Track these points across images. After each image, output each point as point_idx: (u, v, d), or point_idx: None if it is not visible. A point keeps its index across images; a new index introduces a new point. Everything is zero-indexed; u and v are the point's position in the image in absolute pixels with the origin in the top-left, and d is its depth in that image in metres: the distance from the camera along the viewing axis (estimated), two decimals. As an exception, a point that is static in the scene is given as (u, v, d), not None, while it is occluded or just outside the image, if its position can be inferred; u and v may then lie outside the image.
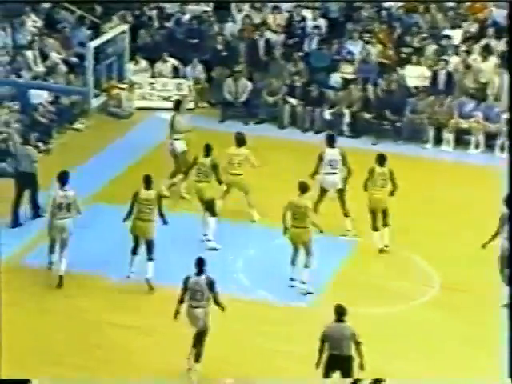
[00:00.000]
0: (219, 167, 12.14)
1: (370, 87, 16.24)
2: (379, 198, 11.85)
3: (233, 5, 17.92)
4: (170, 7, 18.09)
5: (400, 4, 17.51)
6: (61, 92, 15.42)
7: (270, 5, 17.81)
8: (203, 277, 9.50)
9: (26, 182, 12.35)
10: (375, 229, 11.93)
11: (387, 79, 16.17)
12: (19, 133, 14.64)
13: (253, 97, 16.61)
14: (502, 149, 15.36)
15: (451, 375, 9.80)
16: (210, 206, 12.01)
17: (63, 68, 16.11)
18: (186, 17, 17.78)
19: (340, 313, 9.01)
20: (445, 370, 9.91)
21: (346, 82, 16.36)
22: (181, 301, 9.49)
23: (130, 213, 11.07)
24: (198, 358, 9.48)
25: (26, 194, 12.44)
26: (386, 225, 11.97)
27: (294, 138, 15.98)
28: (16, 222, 12.37)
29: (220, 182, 12.16)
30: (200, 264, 9.50)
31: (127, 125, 16.08)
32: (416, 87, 16.20)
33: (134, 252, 11.17)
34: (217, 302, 9.54)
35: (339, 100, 16.27)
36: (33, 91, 15.33)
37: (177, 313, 9.48)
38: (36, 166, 12.42)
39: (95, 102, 12.53)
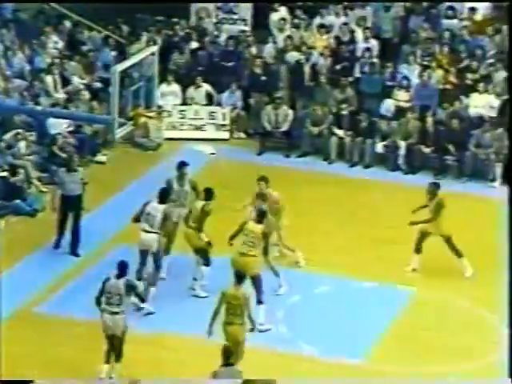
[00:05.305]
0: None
1: (428, 117, 16.57)
2: None
3: (272, 24, 18.42)
4: (204, 25, 18.61)
5: (463, 24, 17.81)
6: (83, 121, 15.90)
7: (315, 24, 18.28)
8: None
9: (71, 205, 13.25)
10: None
11: (448, 108, 16.46)
12: (36, 166, 15.23)
13: (295, 126, 17.02)
14: None
15: None
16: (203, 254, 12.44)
17: (86, 94, 16.69)
18: (222, 38, 18.34)
19: (227, 356, 9.45)
20: None
21: (401, 111, 16.69)
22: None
23: None
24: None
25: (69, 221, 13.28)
26: None
27: (341, 172, 16.33)
28: (59, 243, 13.30)
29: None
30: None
31: (155, 157, 16.54)
32: (481, 118, 16.47)
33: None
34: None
35: (393, 131, 16.60)
36: (51, 120, 15.90)
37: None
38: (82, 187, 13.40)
39: (120, 132, 12.69)
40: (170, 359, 11.06)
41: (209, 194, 12.36)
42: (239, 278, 10.71)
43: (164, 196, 12.18)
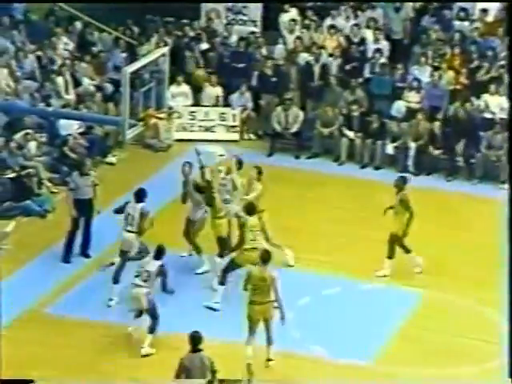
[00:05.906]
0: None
1: (439, 118, 16.58)
2: None
3: (282, 25, 18.50)
4: (215, 26, 18.72)
5: (474, 26, 17.86)
6: (93, 122, 16.00)
7: (326, 25, 18.35)
8: None
9: (82, 208, 13.23)
10: None
11: (459, 109, 16.50)
12: (47, 167, 15.37)
13: (305, 128, 17.10)
14: None
15: None
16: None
17: (98, 95, 16.81)
18: (232, 39, 18.43)
19: (195, 343, 9.45)
20: None
21: (411, 112, 16.76)
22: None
23: None
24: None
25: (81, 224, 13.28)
26: None
27: (351, 174, 16.38)
28: (68, 256, 13.23)
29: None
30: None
31: (165, 158, 16.66)
32: (492, 119, 16.50)
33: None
34: None
35: (403, 132, 16.66)
36: (62, 121, 16.04)
37: None
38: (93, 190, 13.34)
39: (130, 133, 12.80)
40: (172, 359, 11.12)
41: (198, 189, 12.85)
42: (265, 259, 10.79)
43: (140, 195, 12.34)
